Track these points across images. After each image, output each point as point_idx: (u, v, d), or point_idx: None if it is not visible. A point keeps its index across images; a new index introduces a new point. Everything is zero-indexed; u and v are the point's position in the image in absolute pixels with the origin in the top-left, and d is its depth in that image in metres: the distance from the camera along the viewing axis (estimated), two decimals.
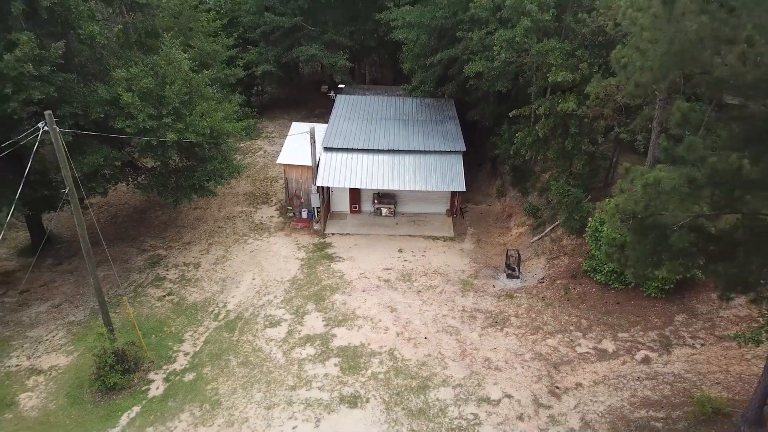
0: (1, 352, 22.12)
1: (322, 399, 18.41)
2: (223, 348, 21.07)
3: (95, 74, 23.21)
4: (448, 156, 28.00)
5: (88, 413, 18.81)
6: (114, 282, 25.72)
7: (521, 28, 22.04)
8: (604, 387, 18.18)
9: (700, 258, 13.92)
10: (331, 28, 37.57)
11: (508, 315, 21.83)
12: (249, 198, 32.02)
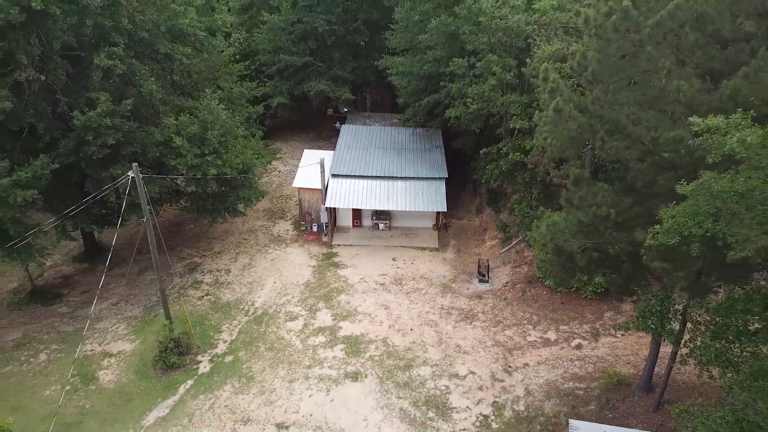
0: (79, 341, 27.78)
1: (331, 375, 24.04)
2: (253, 337, 26.72)
3: (148, 118, 28.86)
4: (433, 181, 33.66)
5: (153, 385, 24.46)
6: (163, 283, 31.34)
7: (488, 85, 27.66)
8: (545, 366, 23.79)
9: (599, 271, 19.57)
10: (336, 65, 43.19)
11: (476, 312, 27.46)
12: (268, 213, 37.70)
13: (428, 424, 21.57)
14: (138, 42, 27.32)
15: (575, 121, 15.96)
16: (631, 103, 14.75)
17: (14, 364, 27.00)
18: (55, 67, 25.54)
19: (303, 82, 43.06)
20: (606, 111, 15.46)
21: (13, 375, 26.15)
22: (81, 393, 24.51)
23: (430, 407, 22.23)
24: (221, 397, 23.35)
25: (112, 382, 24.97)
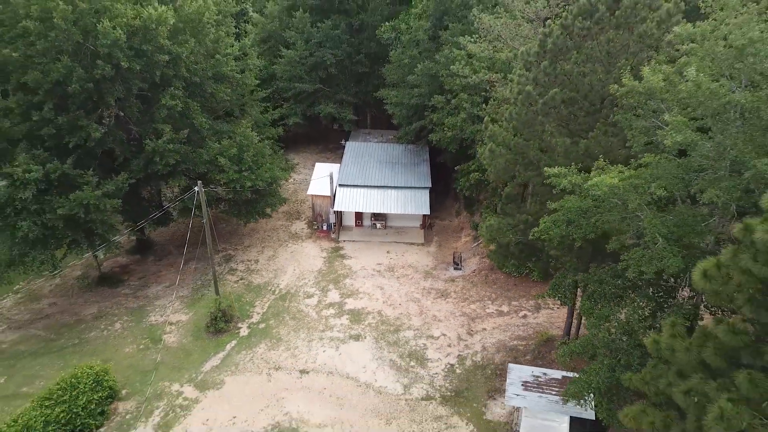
0: (144, 314, 35.73)
1: (339, 336, 31.92)
2: (280, 310, 34.63)
3: (197, 142, 36.71)
4: (419, 190, 41.52)
5: (206, 344, 32.35)
6: (203, 271, 39.28)
7: (460, 117, 35.46)
8: (498, 330, 31.65)
9: (528, 259, 27.41)
10: (341, 90, 51.02)
11: (450, 291, 35.34)
12: (286, 215, 45.59)
13: (410, 370, 29.46)
14: (191, 84, 35.25)
15: (504, 157, 23.79)
16: (535, 148, 22.58)
17: (96, 331, 34.99)
18: (131, 105, 33.49)
19: (314, 105, 50.91)
20: (522, 151, 23.31)
21: (97, 339, 34.12)
22: (152, 350, 32.44)
23: (411, 358, 30.12)
24: (258, 352, 31.26)
25: (175, 342, 32.90)
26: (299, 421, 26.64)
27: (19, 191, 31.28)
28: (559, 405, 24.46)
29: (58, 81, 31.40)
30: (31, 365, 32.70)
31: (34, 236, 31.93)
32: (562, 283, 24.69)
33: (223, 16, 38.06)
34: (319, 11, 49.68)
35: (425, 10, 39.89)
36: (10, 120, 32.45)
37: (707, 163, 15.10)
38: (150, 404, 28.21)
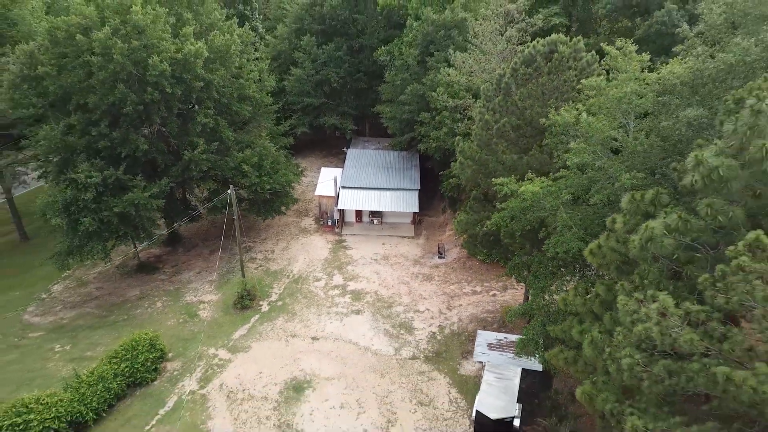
0: (180, 295, 42.52)
1: (343, 311, 38.75)
2: (294, 291, 41.46)
3: (224, 151, 43.44)
4: (410, 191, 48.33)
5: (234, 318, 39.16)
6: (227, 260, 46.09)
7: (443, 132, 42.23)
8: (471, 306, 38.51)
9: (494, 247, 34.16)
10: (343, 104, 57.77)
11: (434, 275, 42.20)
12: (296, 212, 52.40)
13: (400, 336, 36.32)
14: (219, 104, 42.01)
15: (470, 168, 30.63)
16: (493, 161, 29.41)
17: (141, 308, 41.82)
18: (171, 122, 40.26)
19: (319, 116, 57.67)
20: (484, 163, 30.13)
21: (143, 315, 40.95)
22: (189, 323, 39.28)
23: (401, 328, 37.00)
24: (277, 324, 38.11)
25: (208, 316, 39.74)
26: (312, 375, 33.51)
27: (81, 193, 38.09)
28: (514, 360, 31.39)
29: (113, 103, 38.18)
30: (91, 336, 39.56)
31: (92, 230, 38.73)
32: (516, 264, 31.50)
33: (244, 46, 44.80)
34: (323, 34, 56.38)
35: (414, 39, 46.68)
36: (73, 135, 39.26)
37: (596, 176, 21.94)
38: (193, 364, 35.07)
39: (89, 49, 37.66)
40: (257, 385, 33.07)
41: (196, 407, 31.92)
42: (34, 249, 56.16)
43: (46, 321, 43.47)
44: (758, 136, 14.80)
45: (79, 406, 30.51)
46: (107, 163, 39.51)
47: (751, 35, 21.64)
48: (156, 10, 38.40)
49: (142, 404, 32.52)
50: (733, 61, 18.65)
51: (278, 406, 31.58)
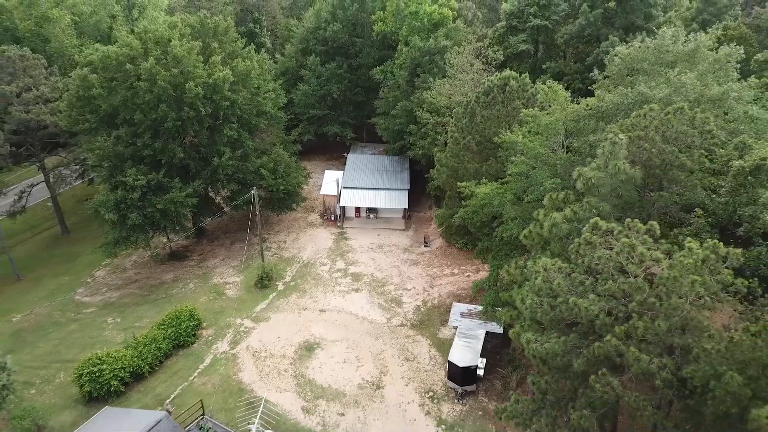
0: (208, 278, 50.38)
1: (345, 290, 46.68)
2: (304, 274, 49.37)
3: (244, 158, 51.20)
4: (401, 191, 56.23)
5: (255, 295, 47.06)
6: (246, 249, 53.93)
7: (427, 141, 50.05)
8: (450, 284, 46.47)
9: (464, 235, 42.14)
10: (344, 114, 65.56)
11: (420, 261, 50.16)
12: (304, 209, 60.26)
13: (391, 309, 44.25)
14: (241, 119, 49.81)
15: (445, 173, 38.56)
16: (462, 168, 37.31)
17: (176, 289, 49.66)
18: (202, 134, 48.05)
19: (323, 125, 65.47)
20: (455, 170, 38.02)
21: (178, 293, 48.78)
22: (218, 300, 47.15)
23: (392, 302, 44.94)
24: (291, 300, 46.01)
25: (233, 294, 47.63)
26: (320, 338, 41.45)
27: (129, 193, 45.91)
28: (480, 324, 39.31)
29: (155, 119, 45.97)
30: (136, 311, 47.44)
31: (138, 223, 46.54)
32: (481, 249, 39.45)
33: (261, 69, 52.55)
34: (326, 54, 64.09)
35: (404, 62, 54.47)
36: (121, 145, 47.05)
37: (528, 182, 29.86)
38: (224, 331, 42.98)
39: (136, 75, 45.43)
40: (276, 346, 41.02)
41: (229, 363, 39.85)
42: (74, 241, 64.07)
43: (95, 300, 51.34)
44: (614, 158, 22.74)
45: (138, 361, 38.42)
46: (150, 168, 47.32)
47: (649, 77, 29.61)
48: (190, 43, 46.18)
49: (185, 361, 40.44)
50: (617, 102, 26.58)
51: (294, 361, 39.54)
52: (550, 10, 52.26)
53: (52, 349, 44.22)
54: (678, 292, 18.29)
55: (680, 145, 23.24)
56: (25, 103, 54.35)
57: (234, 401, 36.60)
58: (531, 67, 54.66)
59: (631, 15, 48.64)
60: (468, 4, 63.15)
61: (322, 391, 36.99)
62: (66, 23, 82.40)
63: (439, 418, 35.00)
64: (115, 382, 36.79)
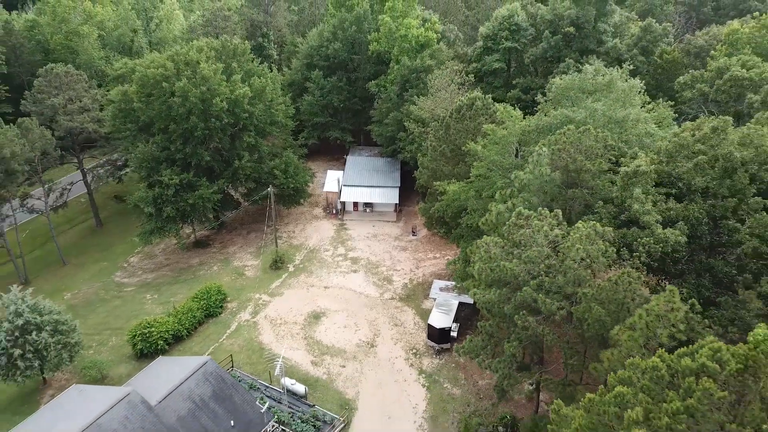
0: (229, 261, 59.06)
1: (345, 271, 55.40)
2: (310, 258, 58.07)
3: (260, 160, 59.74)
4: (392, 188, 64.90)
5: (270, 275, 55.74)
6: (261, 238, 62.56)
7: (414, 147, 58.65)
8: (432, 266, 55.23)
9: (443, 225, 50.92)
10: (344, 121, 74.03)
11: (408, 247, 58.92)
12: (310, 204, 68.85)
13: (383, 286, 53.00)
14: (257, 127, 58.39)
15: (426, 174, 47.23)
16: (439, 171, 45.96)
17: (203, 270, 58.34)
18: (225, 140, 56.64)
19: (325, 131, 73.95)
20: (434, 171, 46.67)
21: (205, 274, 57.44)
22: (239, 279, 55.83)
23: (384, 280, 53.70)
24: (300, 279, 54.73)
25: (251, 275, 56.31)
26: (325, 309, 50.16)
27: (165, 190, 54.48)
28: (455, 297, 47.98)
29: (186, 128, 54.51)
30: (170, 289, 56.12)
31: (171, 215, 55.14)
32: (455, 235, 48.05)
33: (274, 85, 61.05)
34: (327, 69, 72.43)
35: (395, 78, 63.03)
36: (157, 149, 55.58)
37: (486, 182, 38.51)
38: (245, 304, 51.68)
39: (170, 92, 53.95)
40: (289, 315, 49.76)
41: (251, 329, 48.59)
42: (107, 233, 72.62)
43: (133, 281, 60.04)
44: (539, 165, 31.45)
45: (178, 326, 47.12)
46: (181, 169, 55.92)
47: (574, 103, 38.29)
48: (215, 65, 54.73)
49: (215, 327, 49.17)
50: (550, 121, 35.27)
51: (304, 327, 48.31)
52: (519, 35, 60.79)
53: (101, 320, 52.93)
54: (571, 257, 27.03)
55: (588, 155, 31.93)
56: (70, 113, 62.76)
57: (256, 357, 45.42)
58: (504, 81, 63.40)
59: (586, 40, 57.24)
60: (450, 26, 71.58)
61: (327, 349, 45.79)
62: (94, 38, 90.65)
63: (420, 369, 43.78)
64: (161, 342, 45.53)
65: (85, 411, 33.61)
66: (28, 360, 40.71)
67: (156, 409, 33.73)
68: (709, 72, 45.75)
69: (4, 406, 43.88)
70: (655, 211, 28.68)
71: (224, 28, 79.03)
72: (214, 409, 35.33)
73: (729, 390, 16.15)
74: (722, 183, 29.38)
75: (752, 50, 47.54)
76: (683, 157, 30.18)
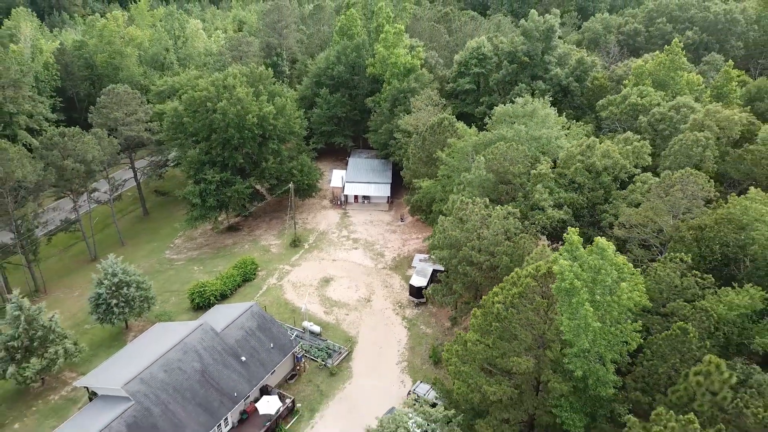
0: (257, 242, 74.39)
1: (348, 248, 70.75)
2: (321, 238, 73.40)
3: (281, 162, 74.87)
4: (385, 184, 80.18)
5: (290, 251, 71.08)
6: (282, 224, 77.88)
7: (402, 152, 73.76)
8: (415, 245, 70.61)
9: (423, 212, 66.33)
10: (346, 129, 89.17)
11: (397, 230, 74.25)
12: (319, 197, 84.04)
13: (377, 259, 68.38)
14: (279, 136, 73.52)
15: (409, 174, 62.52)
16: (417, 172, 61.24)
17: (237, 249, 73.73)
18: (254, 147, 71.86)
19: (331, 137, 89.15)
20: (414, 171, 61.96)
21: (239, 251, 72.76)
22: (266, 254, 71.16)
23: (378, 255, 69.08)
24: (314, 254, 70.09)
25: (275, 251, 71.68)
26: (333, 275, 65.56)
27: (208, 186, 69.76)
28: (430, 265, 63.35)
29: (225, 138, 69.67)
30: (212, 262, 71.48)
31: (213, 205, 70.44)
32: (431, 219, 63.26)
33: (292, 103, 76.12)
34: (333, 87, 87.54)
35: (387, 96, 78.07)
36: (202, 153, 70.79)
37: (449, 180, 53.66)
38: (272, 272, 67.10)
39: (213, 110, 69.07)
40: (306, 279, 65.12)
41: (278, 290, 63.97)
42: (153, 220, 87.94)
43: (181, 257, 75.36)
44: (478, 169, 46.75)
45: (223, 287, 62.46)
46: (220, 169, 71.12)
47: (506, 124, 53.49)
48: (247, 89, 69.89)
49: (250, 288, 64.54)
50: (490, 137, 50.51)
51: (317, 288, 63.69)
52: (485, 62, 75.81)
53: (161, 285, 68.20)
54: (492, 228, 42.37)
55: (512, 162, 47.20)
56: (128, 124, 77.90)
57: (283, 309, 60.79)
58: (474, 99, 78.51)
59: (535, 68, 72.31)
60: (432, 53, 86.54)
61: (335, 303, 61.18)
62: (135, 57, 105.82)
63: (403, 316, 59.15)
64: (212, 298, 60.89)
65: (171, 336, 48.93)
66: (120, 308, 55.96)
67: (221, 335, 49.08)
68: (618, 97, 60.87)
69: (100, 342, 59.19)
70: (550, 199, 44.02)
71: (246, 52, 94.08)
72: (259, 336, 50.71)
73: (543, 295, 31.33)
74: (596, 181, 44.71)
75: (652, 81, 62.64)
76: (571, 164, 45.48)
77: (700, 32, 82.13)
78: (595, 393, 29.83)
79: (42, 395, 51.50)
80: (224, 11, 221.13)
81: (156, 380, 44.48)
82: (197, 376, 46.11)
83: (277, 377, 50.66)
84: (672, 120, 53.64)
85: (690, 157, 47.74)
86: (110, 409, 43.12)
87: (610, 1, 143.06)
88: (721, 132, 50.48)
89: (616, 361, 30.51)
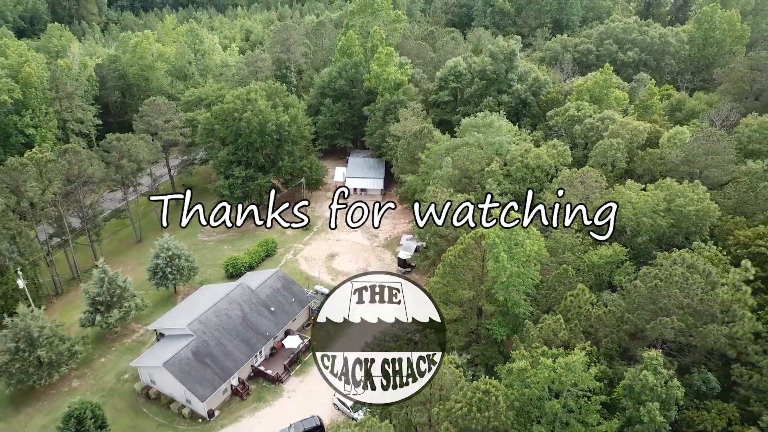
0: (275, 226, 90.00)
1: (349, 230, 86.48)
2: (326, 223, 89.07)
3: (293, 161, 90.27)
4: (379, 179, 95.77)
5: (303, 233, 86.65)
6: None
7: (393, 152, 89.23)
8: (404, 227, 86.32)
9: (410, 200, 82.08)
10: (346, 132, 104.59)
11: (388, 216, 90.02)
12: (324, 189, 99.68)
13: (373, 239, 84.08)
14: (292, 140, 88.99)
15: (398, 169, 78.17)
16: (404, 169, 76.88)
17: (258, 231, 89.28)
18: (272, 148, 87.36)
19: (334, 139, 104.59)
20: (401, 168, 77.59)
21: (261, 234, 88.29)
22: (283, 236, 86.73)
23: (373, 235, 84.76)
24: (321, 235, 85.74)
25: (291, 235, 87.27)
26: (337, 252, 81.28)
27: (235, 181, 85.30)
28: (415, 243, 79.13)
29: (249, 141, 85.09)
30: (239, 242, 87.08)
31: (240, 196, 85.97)
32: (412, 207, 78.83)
33: (302, 112, 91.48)
34: (335, 97, 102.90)
35: (381, 106, 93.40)
36: (230, 154, 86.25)
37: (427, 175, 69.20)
38: (289, 249, 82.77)
39: (239, 119, 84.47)
40: (316, 255, 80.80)
41: (294, 263, 79.66)
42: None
43: (212, 239, 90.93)
44: (447, 167, 62.39)
45: (250, 260, 78.07)
46: (244, 167, 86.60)
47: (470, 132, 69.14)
48: (266, 102, 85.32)
49: (272, 262, 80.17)
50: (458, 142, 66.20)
51: (325, 261, 79.39)
52: (460, 78, 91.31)
53: (199, 260, 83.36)
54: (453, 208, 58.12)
55: (472, 162, 62.80)
56: (166, 129, 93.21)
57: (298, 277, 76.42)
58: (452, 109, 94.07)
59: (501, 84, 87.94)
60: (418, 70, 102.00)
61: (339, 272, 76.88)
62: (163, 70, 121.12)
63: None
64: (243, 269, 76.53)
65: (217, 293, 64.59)
66: (173, 275, 71.47)
67: (255, 291, 64.71)
68: (562, 110, 76.49)
69: (156, 302, 74.69)
70: (498, 189, 59.73)
71: (261, 68, 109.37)
72: (283, 293, 66.39)
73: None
74: (532, 175, 60.43)
75: (590, 96, 78.30)
76: (514, 163, 61.17)
77: (640, 52, 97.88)
78: (513, 312, 45.53)
79: (119, 339, 67.12)
80: (231, 20, 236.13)
81: (210, 322, 60.13)
82: (239, 320, 61.78)
83: (298, 324, 66.41)
84: (598, 129, 69.44)
85: (607, 158, 63.60)
86: (178, 343, 58.72)
87: (582, 14, 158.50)
88: (632, 138, 66.33)
89: (528, 293, 46.22)
